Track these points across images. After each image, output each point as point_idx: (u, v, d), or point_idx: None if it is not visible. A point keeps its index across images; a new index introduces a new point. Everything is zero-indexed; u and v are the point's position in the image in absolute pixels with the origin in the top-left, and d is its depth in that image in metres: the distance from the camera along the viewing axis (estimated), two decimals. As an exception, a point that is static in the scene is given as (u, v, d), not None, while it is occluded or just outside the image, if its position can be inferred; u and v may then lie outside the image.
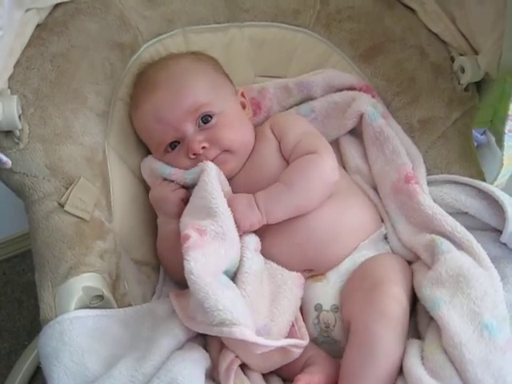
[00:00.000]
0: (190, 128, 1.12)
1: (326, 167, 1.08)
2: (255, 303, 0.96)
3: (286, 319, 0.99)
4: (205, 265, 0.90)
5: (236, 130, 1.14)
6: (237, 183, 1.14)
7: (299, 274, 1.06)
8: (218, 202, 0.99)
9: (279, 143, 1.16)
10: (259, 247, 1.05)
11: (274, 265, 1.05)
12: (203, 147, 1.11)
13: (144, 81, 1.19)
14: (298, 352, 0.95)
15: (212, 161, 1.10)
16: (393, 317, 0.92)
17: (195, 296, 0.86)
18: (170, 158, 1.15)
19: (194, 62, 1.20)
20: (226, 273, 0.96)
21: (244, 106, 1.24)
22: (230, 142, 1.13)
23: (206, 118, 1.13)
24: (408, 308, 0.95)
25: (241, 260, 1.00)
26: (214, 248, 0.94)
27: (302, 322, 1.02)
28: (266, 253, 1.06)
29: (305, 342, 0.96)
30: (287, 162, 1.13)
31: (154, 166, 1.18)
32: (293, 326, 1.00)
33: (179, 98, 1.12)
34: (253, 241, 1.04)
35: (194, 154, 1.11)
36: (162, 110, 1.12)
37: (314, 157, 1.08)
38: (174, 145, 1.14)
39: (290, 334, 0.99)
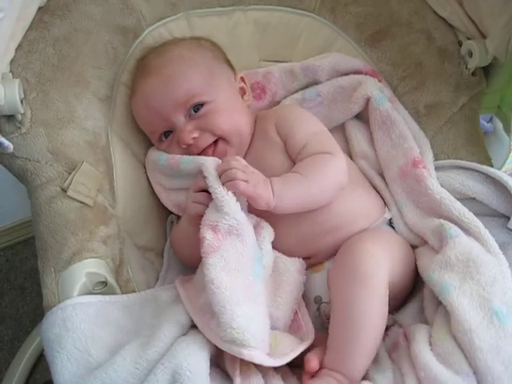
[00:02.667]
0: (180, 119, 1.11)
1: (339, 168, 1.06)
2: None
3: (290, 307, 0.98)
4: (225, 268, 0.88)
5: (228, 117, 1.12)
6: None
7: (300, 259, 1.05)
8: (220, 191, 0.95)
9: (284, 143, 1.13)
10: (272, 239, 1.03)
11: (275, 252, 1.04)
12: (194, 137, 1.09)
13: (142, 66, 1.18)
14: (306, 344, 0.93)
15: (211, 154, 1.09)
16: (366, 272, 0.91)
17: (212, 307, 0.85)
18: (165, 146, 1.15)
19: (192, 49, 1.18)
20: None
21: (244, 92, 1.22)
22: (222, 128, 1.10)
23: (196, 107, 1.11)
24: (385, 264, 0.93)
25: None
26: (230, 243, 0.92)
27: (305, 309, 1.01)
28: None
29: (310, 341, 0.94)
30: (293, 162, 1.09)
31: (150, 155, 1.19)
32: (296, 313, 1.00)
33: (170, 87, 1.10)
34: (270, 233, 1.03)
35: (185, 145, 1.10)
36: (153, 98, 1.11)
37: (330, 156, 1.06)
38: (167, 134, 1.14)
39: (294, 322, 0.99)
